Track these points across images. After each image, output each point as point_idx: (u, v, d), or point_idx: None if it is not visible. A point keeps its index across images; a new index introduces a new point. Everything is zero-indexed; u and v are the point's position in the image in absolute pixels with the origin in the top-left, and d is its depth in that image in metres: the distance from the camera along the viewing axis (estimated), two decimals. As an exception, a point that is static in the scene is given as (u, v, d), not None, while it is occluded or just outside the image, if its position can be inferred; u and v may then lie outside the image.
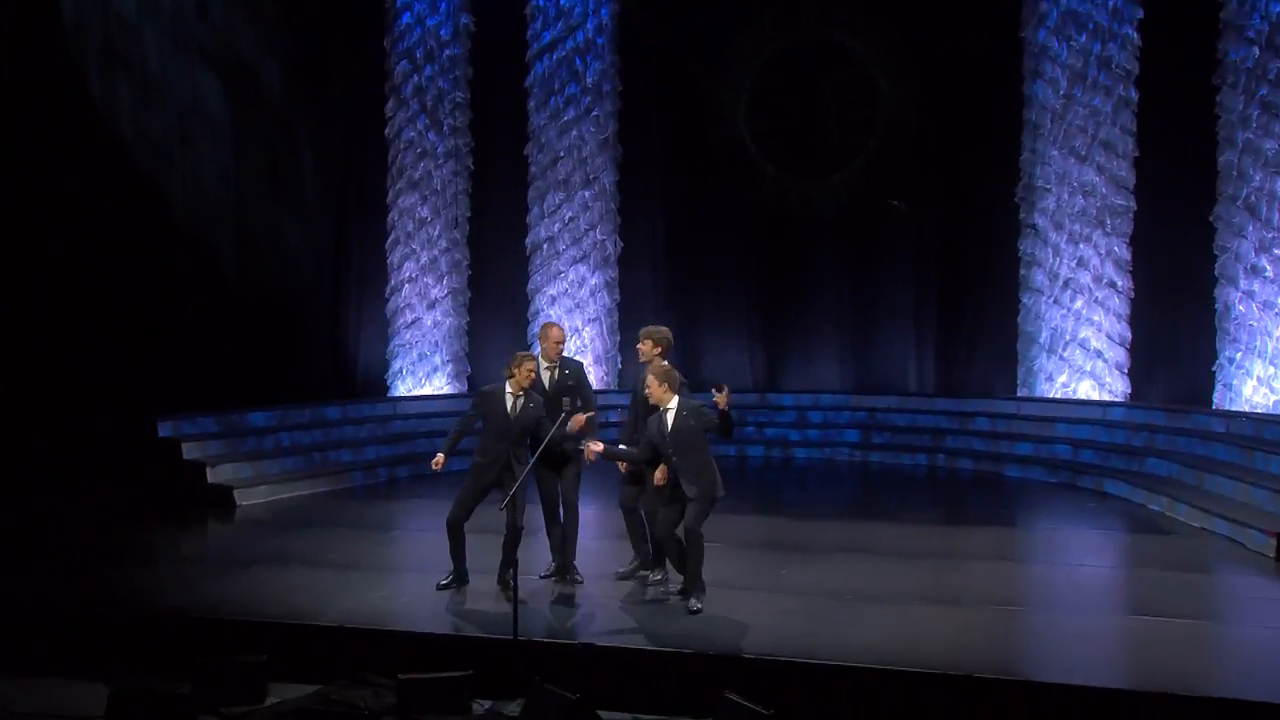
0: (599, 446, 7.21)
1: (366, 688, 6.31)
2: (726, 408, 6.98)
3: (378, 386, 14.93)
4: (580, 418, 7.44)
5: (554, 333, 8.07)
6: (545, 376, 7.89)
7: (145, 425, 11.47)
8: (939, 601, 7.52)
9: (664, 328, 7.91)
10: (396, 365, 14.91)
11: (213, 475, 11.21)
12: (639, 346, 7.83)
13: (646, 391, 7.17)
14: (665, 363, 7.39)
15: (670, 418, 7.10)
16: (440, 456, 7.54)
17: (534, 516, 8.06)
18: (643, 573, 7.90)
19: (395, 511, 11.14)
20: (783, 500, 11.95)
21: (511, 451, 7.47)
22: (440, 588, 7.66)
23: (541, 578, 7.94)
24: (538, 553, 8.21)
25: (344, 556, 8.73)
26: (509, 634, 6.44)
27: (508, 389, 7.50)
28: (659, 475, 7.30)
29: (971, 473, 13.28)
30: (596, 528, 9.05)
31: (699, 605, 7.13)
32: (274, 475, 11.70)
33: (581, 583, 7.85)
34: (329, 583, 7.89)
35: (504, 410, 7.49)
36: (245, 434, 12.30)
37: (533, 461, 7.40)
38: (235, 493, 10.97)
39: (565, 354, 8.11)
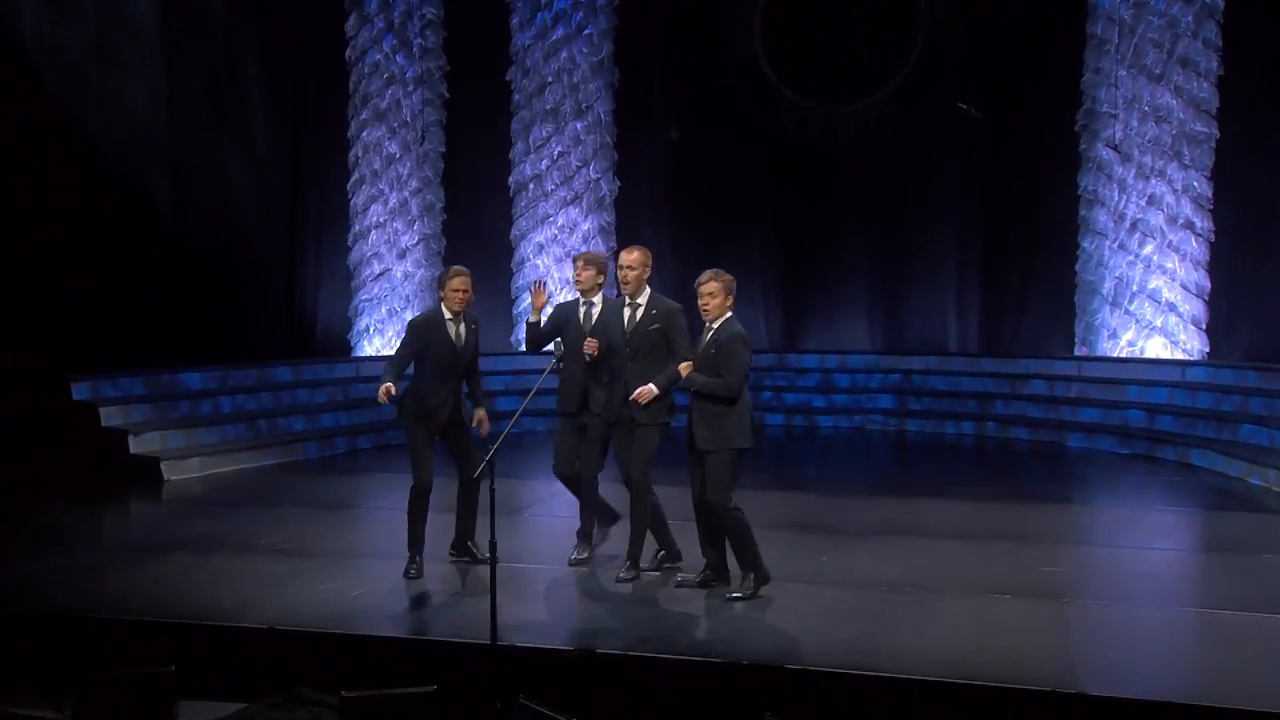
0: (688, 367, 6.71)
1: (302, 708, 5.80)
2: None
3: (340, 345, 14.68)
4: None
5: (623, 257, 7.18)
6: (626, 315, 7.13)
7: (57, 386, 10.99)
8: (1023, 594, 6.82)
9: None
10: (362, 322, 14.61)
11: (136, 445, 10.81)
12: (579, 275, 7.55)
13: (703, 304, 6.75)
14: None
15: (709, 337, 6.75)
16: (389, 385, 6.90)
17: (518, 493, 7.18)
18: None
19: (355, 487, 10.70)
20: (809, 475, 11.53)
21: (459, 389, 7.10)
22: (410, 576, 7.05)
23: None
24: (523, 536, 7.70)
25: (288, 541, 8.20)
26: (485, 638, 5.80)
27: (446, 314, 7.08)
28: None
29: (1028, 443, 12.87)
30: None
31: (743, 594, 6.61)
32: (210, 445, 11.30)
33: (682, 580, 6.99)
34: (266, 573, 7.31)
35: (448, 338, 7.06)
36: (177, 397, 11.90)
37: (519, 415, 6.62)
38: (162, 465, 10.58)
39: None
